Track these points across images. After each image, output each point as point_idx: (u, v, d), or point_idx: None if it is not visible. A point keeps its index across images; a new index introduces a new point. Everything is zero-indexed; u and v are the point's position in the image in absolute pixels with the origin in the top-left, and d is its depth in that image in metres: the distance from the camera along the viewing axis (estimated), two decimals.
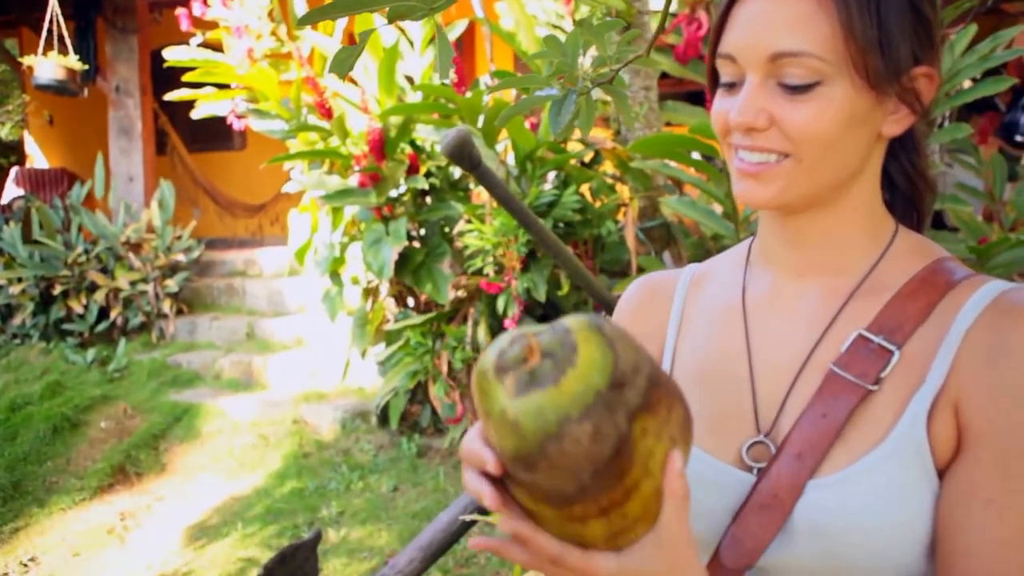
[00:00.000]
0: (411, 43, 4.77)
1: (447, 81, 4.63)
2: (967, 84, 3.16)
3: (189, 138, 9.94)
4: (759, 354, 0.98)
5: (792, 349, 0.96)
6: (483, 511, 1.71)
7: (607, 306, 1.97)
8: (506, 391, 0.66)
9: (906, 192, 1.02)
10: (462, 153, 1.60)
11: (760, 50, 0.86)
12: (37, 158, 10.86)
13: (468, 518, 2.26)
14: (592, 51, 1.17)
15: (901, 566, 0.85)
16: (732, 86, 0.91)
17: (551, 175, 4.45)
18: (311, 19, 0.78)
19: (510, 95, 4.48)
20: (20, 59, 7.86)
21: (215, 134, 7.99)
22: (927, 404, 0.85)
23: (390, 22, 0.82)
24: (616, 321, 1.13)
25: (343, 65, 0.85)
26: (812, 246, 0.97)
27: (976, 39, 2.96)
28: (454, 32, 4.77)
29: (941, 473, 0.85)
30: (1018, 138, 5.50)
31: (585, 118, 1.12)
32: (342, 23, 5.22)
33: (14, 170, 9.26)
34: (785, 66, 0.85)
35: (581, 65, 1.12)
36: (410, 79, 4.80)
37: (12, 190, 8.95)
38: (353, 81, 4.90)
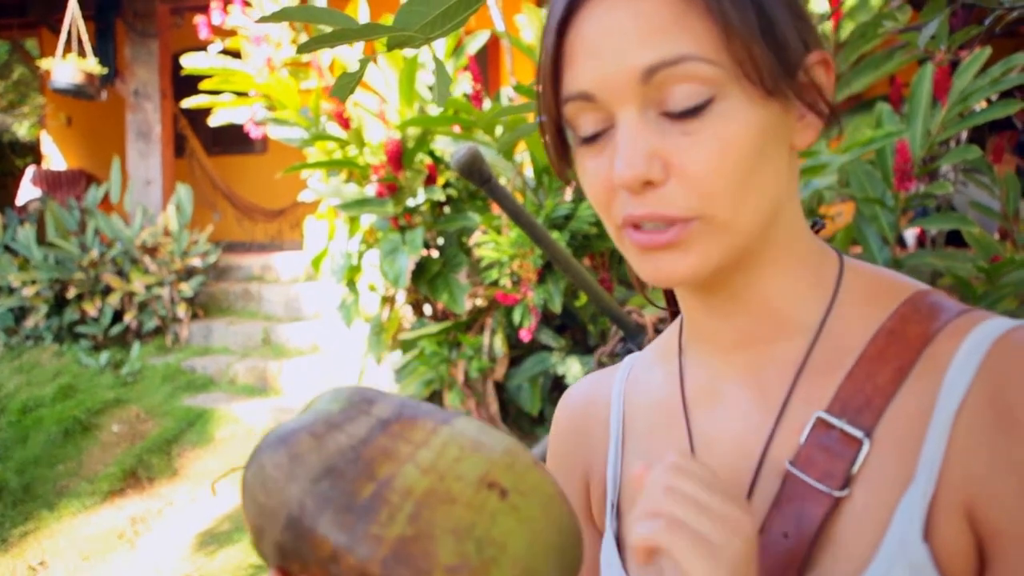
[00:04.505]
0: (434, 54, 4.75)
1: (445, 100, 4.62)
2: (980, 106, 3.17)
3: (210, 141, 10.01)
4: (707, 460, 0.76)
5: (745, 447, 0.74)
6: None
7: (619, 321, 1.95)
8: None
9: None
10: (472, 169, 1.60)
11: (627, 71, 0.64)
12: (55, 159, 10.92)
13: None
14: None
15: None
16: (597, 137, 0.68)
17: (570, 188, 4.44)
18: (309, 47, 0.78)
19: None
20: (38, 61, 7.90)
21: (236, 138, 8.01)
22: (921, 510, 0.62)
23: (389, 50, 0.81)
24: (552, 450, 0.95)
25: (344, 90, 0.85)
26: (745, 313, 0.75)
27: (991, 61, 2.96)
28: (475, 43, 4.76)
29: None
30: None
31: None
32: None
33: (30, 170, 9.28)
34: (664, 84, 0.63)
35: None
36: (432, 89, 4.79)
37: (28, 190, 8.97)
38: (374, 91, 4.90)
